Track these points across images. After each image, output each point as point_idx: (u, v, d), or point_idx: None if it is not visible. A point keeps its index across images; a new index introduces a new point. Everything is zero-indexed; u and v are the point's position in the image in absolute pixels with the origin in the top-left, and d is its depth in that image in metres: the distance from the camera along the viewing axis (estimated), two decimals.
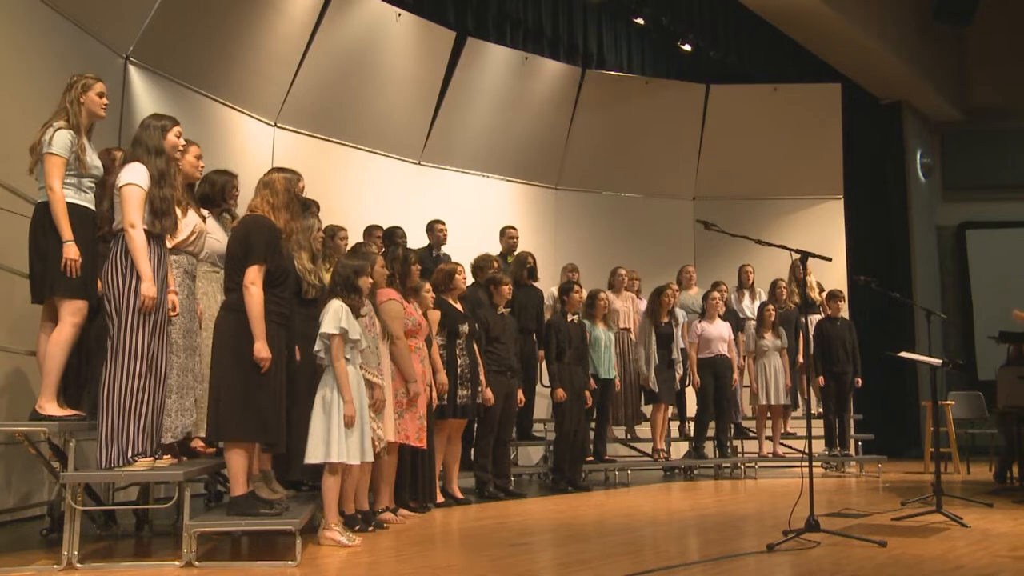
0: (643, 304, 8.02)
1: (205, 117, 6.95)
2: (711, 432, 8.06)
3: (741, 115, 10.31)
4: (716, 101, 10.32)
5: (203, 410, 4.10)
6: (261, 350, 3.66)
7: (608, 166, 10.26)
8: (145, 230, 3.62)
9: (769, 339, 8.16)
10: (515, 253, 7.64)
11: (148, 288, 3.57)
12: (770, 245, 4.65)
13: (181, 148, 3.92)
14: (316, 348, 4.07)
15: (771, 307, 8.25)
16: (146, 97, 6.28)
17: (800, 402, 8.39)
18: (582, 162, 10.16)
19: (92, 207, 3.91)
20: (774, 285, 8.60)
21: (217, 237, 4.40)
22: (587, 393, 6.77)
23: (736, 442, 8.35)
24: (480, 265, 6.75)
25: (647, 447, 7.92)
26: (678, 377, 7.80)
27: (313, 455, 3.97)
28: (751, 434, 8.45)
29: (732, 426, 8.26)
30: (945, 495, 5.19)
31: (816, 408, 8.39)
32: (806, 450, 4.51)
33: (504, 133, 9.57)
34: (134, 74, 6.25)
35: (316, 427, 3.98)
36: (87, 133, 3.91)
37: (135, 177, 3.65)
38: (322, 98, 8.05)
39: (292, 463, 4.23)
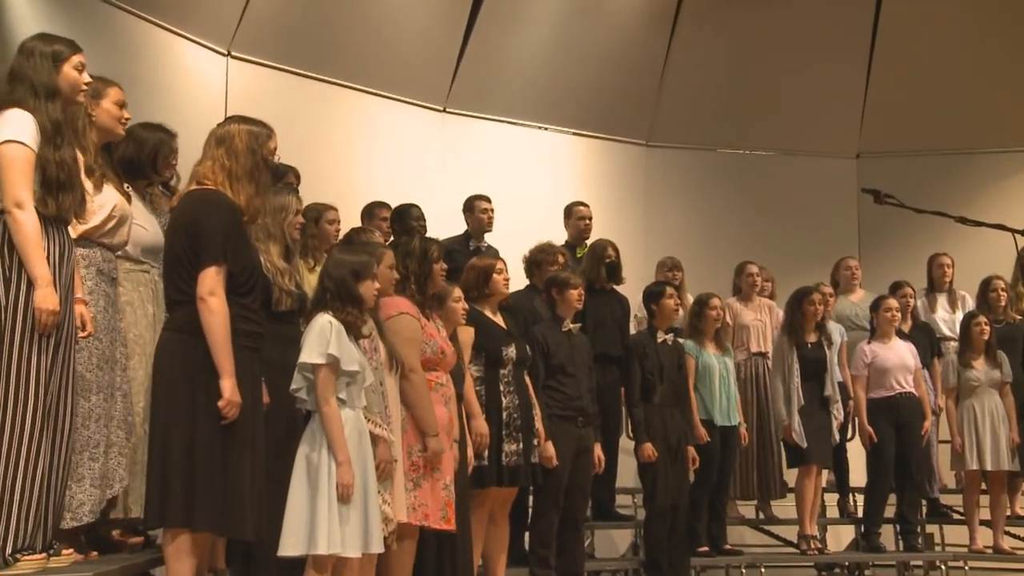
0: (779, 317, 7.96)
1: (124, 43, 7.05)
2: (890, 511, 7.91)
3: (936, 23, 10.12)
4: (895, 1, 10.10)
5: (135, 478, 4.10)
6: (230, 391, 3.65)
7: (724, 110, 10.24)
8: (37, 211, 3.60)
9: (980, 369, 7.98)
10: (588, 242, 7.60)
11: (45, 297, 3.55)
12: (980, 225, 4.61)
13: (85, 87, 3.89)
14: (294, 386, 4.07)
15: (983, 320, 8.04)
16: (30, 8, 6.33)
17: None
18: (686, 105, 10.15)
19: None
20: (987, 286, 8.39)
21: (142, 223, 4.40)
22: (690, 449, 6.73)
23: (931, 528, 8.18)
24: (538, 259, 6.75)
25: (791, 532, 7.81)
26: (836, 425, 7.68)
27: (291, 544, 3.95)
28: (955, 516, 8.29)
29: (924, 503, 8.09)
30: None
31: None
32: None
33: (568, 65, 9.58)
34: None
35: (296, 503, 3.97)
36: None
37: (18, 131, 3.62)
38: (295, 15, 8.11)
39: (259, 557, 4.21)
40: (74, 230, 3.90)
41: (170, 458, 3.66)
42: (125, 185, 4.37)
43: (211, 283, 3.69)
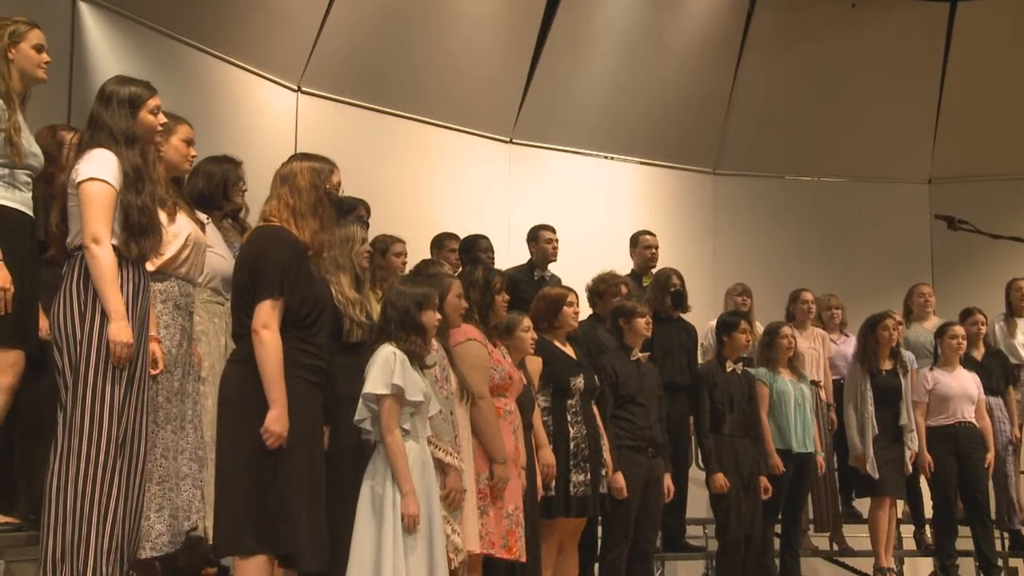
0: (850, 345, 7.88)
1: (196, 80, 7.19)
2: (965, 543, 7.73)
3: (1009, 45, 9.97)
4: (968, 25, 9.99)
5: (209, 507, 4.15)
6: (274, 421, 3.69)
7: (792, 137, 10.17)
8: (115, 248, 3.67)
9: None
10: (654, 271, 7.57)
11: (119, 330, 3.61)
12: None
13: (161, 129, 3.97)
14: (358, 416, 4.07)
15: None
16: (108, 50, 6.46)
17: None
18: (753, 132, 10.11)
19: (29, 212, 4.00)
20: None
21: (220, 252, 4.46)
22: (763, 479, 6.67)
23: (1015, 562, 7.98)
24: (600, 289, 6.72)
25: (866, 564, 7.69)
26: (910, 455, 7.55)
27: (358, 575, 3.94)
28: None
29: (1006, 535, 7.93)
30: None
31: None
32: None
33: (634, 94, 9.59)
34: (88, 15, 6.44)
35: (362, 534, 3.97)
36: (21, 104, 4.00)
37: (101, 170, 3.69)
38: (364, 51, 8.25)
39: None
40: (151, 264, 3.95)
41: (236, 487, 3.70)
42: (203, 216, 4.44)
43: (265, 316, 3.74)
